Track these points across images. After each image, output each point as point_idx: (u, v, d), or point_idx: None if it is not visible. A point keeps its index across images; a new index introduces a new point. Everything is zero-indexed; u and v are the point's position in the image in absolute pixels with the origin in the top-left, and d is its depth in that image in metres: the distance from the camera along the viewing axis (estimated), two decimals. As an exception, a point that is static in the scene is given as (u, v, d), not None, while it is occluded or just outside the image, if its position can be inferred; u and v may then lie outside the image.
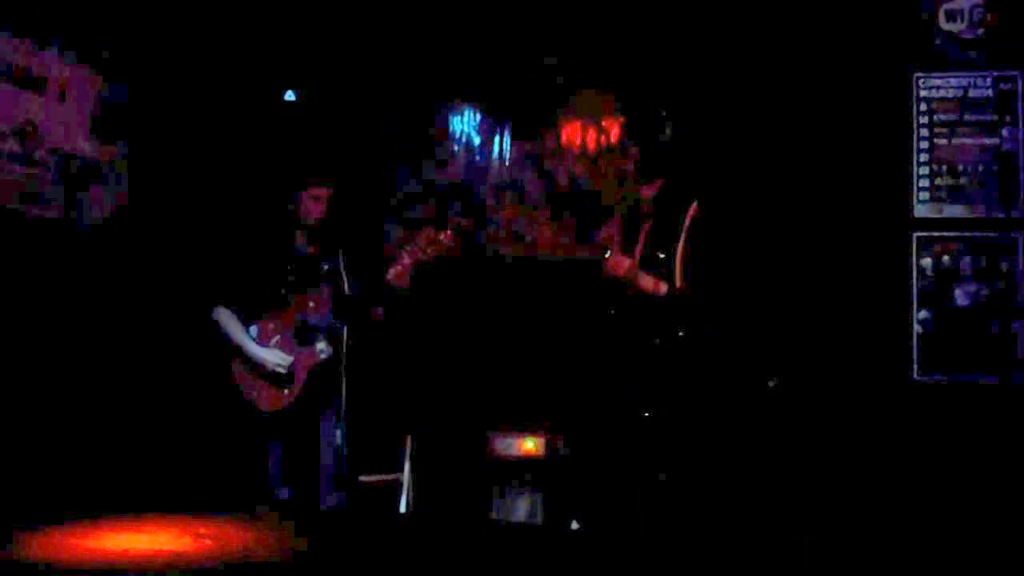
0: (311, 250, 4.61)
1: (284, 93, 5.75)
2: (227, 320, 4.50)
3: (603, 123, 5.64)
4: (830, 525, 4.30)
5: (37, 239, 4.92)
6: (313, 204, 4.58)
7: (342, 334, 4.51)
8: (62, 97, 5.09)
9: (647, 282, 3.99)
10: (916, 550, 4.12)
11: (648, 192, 4.07)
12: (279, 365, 4.45)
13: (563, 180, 5.68)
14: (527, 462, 4.81)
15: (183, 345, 5.17)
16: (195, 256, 5.29)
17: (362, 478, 4.94)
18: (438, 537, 4.59)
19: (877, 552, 4.17)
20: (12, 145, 4.82)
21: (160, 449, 5.18)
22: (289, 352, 4.47)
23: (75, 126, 5.18)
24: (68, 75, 5.11)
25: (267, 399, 4.48)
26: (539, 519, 4.74)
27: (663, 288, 3.96)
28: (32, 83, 4.92)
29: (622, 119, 5.56)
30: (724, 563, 3.89)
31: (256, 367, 4.46)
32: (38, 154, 4.97)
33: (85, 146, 5.24)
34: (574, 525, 4.63)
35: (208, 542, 4.18)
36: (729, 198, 4.91)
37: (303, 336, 4.51)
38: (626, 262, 4.01)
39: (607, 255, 4.02)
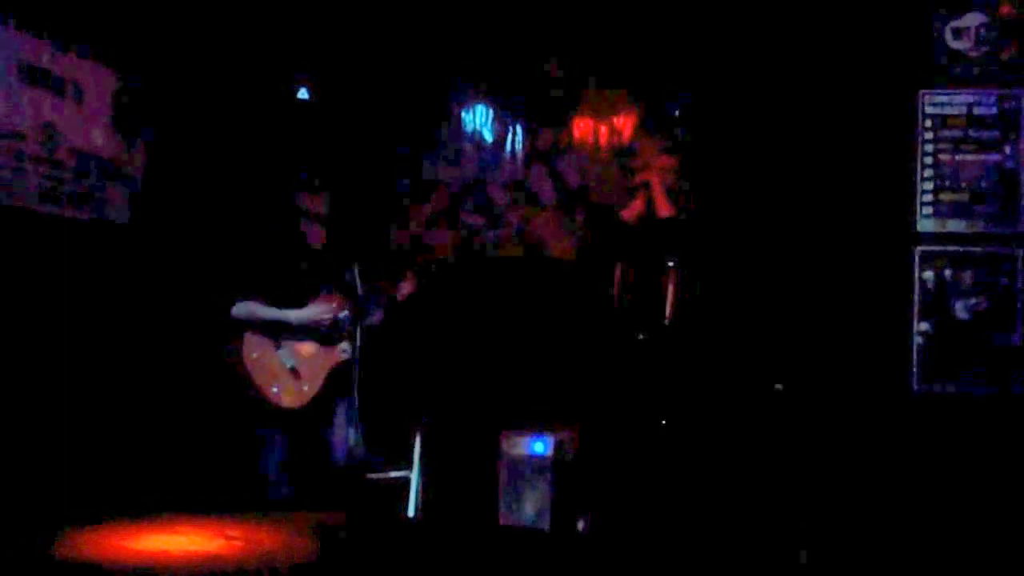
0: (327, 252, 4.70)
1: (297, 90, 5.76)
2: (255, 307, 4.52)
3: (615, 121, 5.68)
4: (830, 532, 4.42)
5: (59, 239, 4.97)
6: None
7: (356, 336, 4.59)
8: (79, 97, 5.13)
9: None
10: (916, 560, 4.25)
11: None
12: (323, 313, 4.55)
13: (574, 179, 5.73)
14: (536, 464, 4.82)
15: (214, 344, 5.23)
16: (215, 254, 5.33)
17: (371, 476, 5.00)
18: (447, 539, 4.63)
19: (876, 562, 4.30)
20: (33, 146, 4.86)
21: (187, 449, 5.26)
22: (313, 351, 4.56)
23: (94, 125, 5.22)
24: (85, 74, 5.14)
25: (287, 395, 4.52)
26: (547, 523, 4.75)
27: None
28: (50, 84, 4.95)
29: (635, 117, 5.60)
30: (727, 568, 3.97)
31: (301, 331, 4.53)
32: (58, 155, 5.01)
33: (104, 145, 5.29)
34: (580, 526, 4.72)
35: (239, 543, 4.29)
36: (735, 209, 5.02)
37: (326, 337, 4.59)
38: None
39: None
